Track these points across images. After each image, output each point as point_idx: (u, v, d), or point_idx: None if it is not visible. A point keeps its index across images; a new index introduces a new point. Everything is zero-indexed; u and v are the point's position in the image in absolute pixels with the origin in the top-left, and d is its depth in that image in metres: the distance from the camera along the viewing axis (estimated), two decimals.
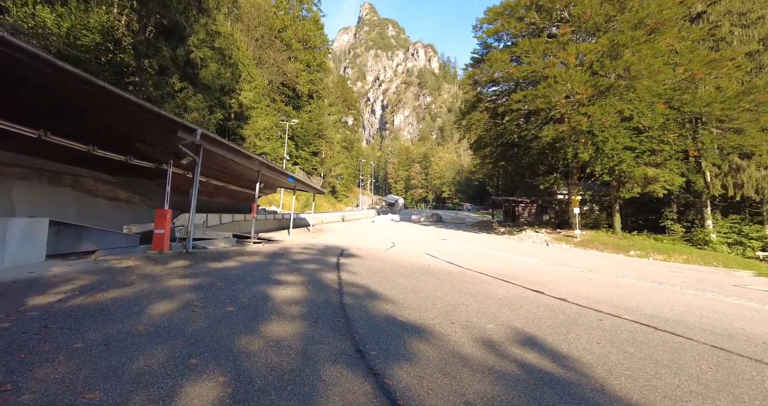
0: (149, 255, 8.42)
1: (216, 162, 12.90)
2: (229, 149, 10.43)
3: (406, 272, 8.37)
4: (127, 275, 6.15)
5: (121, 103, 6.84)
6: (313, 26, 49.43)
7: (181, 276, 6.29)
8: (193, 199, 9.58)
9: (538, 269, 10.74)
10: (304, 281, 6.54)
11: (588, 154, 17.57)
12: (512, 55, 21.76)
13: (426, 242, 18.95)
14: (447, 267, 9.69)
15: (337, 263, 9.12)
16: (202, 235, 11.75)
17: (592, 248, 19.76)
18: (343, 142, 63.19)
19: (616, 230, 21.20)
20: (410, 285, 6.79)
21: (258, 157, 11.87)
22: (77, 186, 10.61)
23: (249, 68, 33.20)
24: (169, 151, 11.21)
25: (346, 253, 11.48)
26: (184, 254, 8.92)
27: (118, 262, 7.33)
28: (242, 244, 12.26)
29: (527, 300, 6.16)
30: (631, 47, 16.56)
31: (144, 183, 13.66)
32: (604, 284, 8.54)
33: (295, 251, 11.32)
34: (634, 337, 4.42)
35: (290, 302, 5.09)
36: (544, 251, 17.09)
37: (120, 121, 8.62)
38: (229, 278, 6.38)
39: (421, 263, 10.28)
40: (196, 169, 9.64)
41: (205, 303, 4.73)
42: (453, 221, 41.44)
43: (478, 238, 23.26)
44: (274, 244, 13.38)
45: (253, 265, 8.02)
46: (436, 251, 13.94)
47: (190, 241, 9.42)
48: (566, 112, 17.80)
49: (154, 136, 9.91)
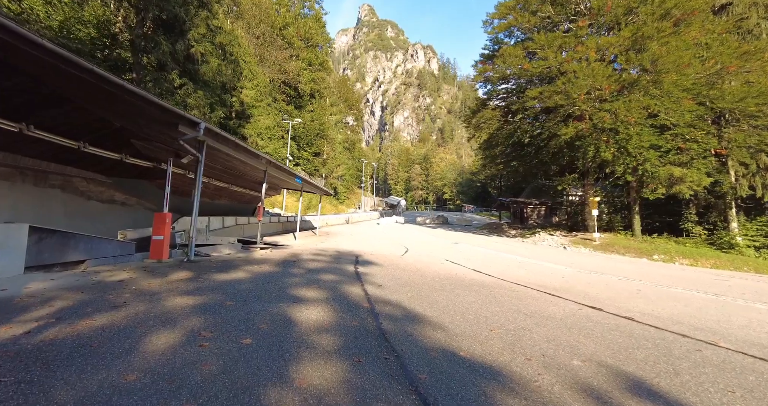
0: (146, 265, 7.46)
1: (219, 161, 11.96)
2: (236, 146, 9.49)
3: (436, 283, 7.43)
4: (119, 291, 5.19)
5: (114, 90, 5.89)
6: (315, 24, 48.50)
7: (183, 292, 5.34)
8: (196, 202, 8.63)
9: (572, 277, 9.81)
10: (327, 298, 5.60)
11: (610, 154, 16.67)
12: (526, 51, 20.88)
13: (439, 245, 18.02)
14: (477, 277, 8.75)
15: (356, 273, 8.18)
16: (205, 240, 10.80)
17: (612, 251, 18.86)
18: (344, 143, 62.28)
19: (636, 233, 20.29)
20: (450, 302, 5.85)
21: (265, 156, 10.92)
22: (67, 187, 9.65)
23: (251, 66, 32.22)
24: (168, 148, 10.27)
25: (361, 259, 10.54)
26: (186, 263, 7.96)
27: (110, 274, 6.37)
28: (248, 250, 11.30)
29: (592, 321, 5.22)
30: (658, 39, 15.68)
31: (141, 184, 12.71)
32: (658, 296, 7.60)
33: (306, 257, 10.37)
34: (765, 378, 3.48)
35: (319, 328, 4.14)
36: (566, 256, 16.18)
37: (113, 112, 7.68)
38: (239, 294, 5.43)
39: (448, 271, 9.34)
40: (199, 169, 8.69)
41: (215, 332, 3.78)
42: (459, 223, 40.49)
43: (491, 241, 22.34)
44: (282, 249, 12.43)
45: (264, 276, 7.07)
46: (455, 257, 13.00)
47: (192, 248, 8.47)
48: (587, 109, 16.89)
49: (152, 132, 8.96)
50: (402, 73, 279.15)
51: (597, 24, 19.47)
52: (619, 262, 15.31)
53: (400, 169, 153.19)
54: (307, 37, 46.61)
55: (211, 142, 9.08)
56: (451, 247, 17.46)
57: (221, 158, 11.50)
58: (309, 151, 47.74)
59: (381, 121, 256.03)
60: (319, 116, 48.10)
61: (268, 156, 11.25)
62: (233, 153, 10.14)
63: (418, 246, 16.87)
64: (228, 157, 11.28)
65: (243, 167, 13.06)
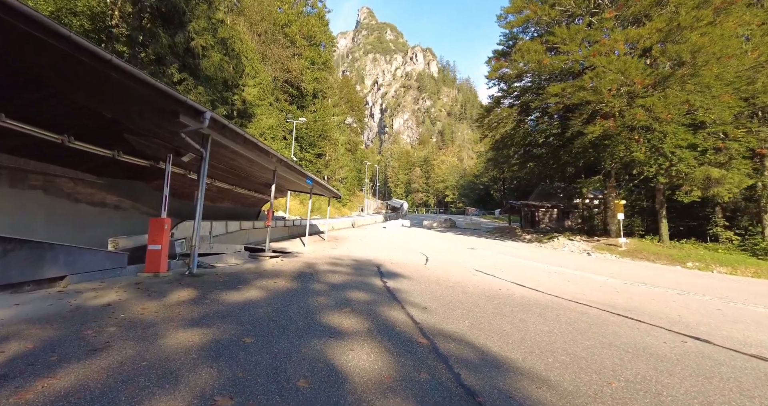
0: (141, 280, 6.24)
1: (223, 160, 10.76)
2: (244, 142, 8.29)
3: (487, 304, 6.23)
4: (102, 322, 3.97)
5: (98, 66, 4.69)
6: (317, 22, 47.39)
7: (186, 322, 4.13)
8: (199, 205, 7.42)
9: (626, 291, 8.63)
10: (369, 329, 4.39)
11: (642, 153, 15.52)
12: (546, 45, 19.78)
13: (457, 252, 16.83)
14: (526, 293, 7.55)
15: (387, 289, 6.97)
16: (208, 248, 9.56)
17: (640, 258, 17.69)
18: (346, 144, 61.08)
19: (664, 239, 19.12)
20: (522, 333, 4.65)
21: (276, 154, 9.73)
22: (50, 189, 8.42)
23: (253, 62, 30.98)
24: (167, 145, 9.08)
25: (384, 270, 9.33)
26: (188, 278, 6.74)
27: (94, 295, 5.15)
28: (257, 259, 10.07)
29: (718, 361, 4.04)
30: (696, 29, 14.57)
31: (137, 185, 11.47)
32: (751, 319, 6.42)
33: (323, 268, 9.15)
34: None
35: (380, 385, 2.92)
36: (597, 264, 15.03)
37: (100, 98, 6.47)
38: (259, 325, 4.22)
39: (488, 285, 8.14)
40: (203, 167, 7.49)
41: (236, 397, 2.57)
42: (468, 226, 39.23)
43: (508, 247, 21.15)
44: (294, 258, 11.19)
45: (283, 295, 5.86)
46: (483, 266, 11.80)
47: (194, 259, 7.24)
48: (617, 106, 15.73)
49: (148, 124, 7.76)
50: (401, 76, 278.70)
51: (622, 16, 18.38)
52: (657, 270, 14.17)
53: (400, 172, 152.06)
54: (309, 35, 45.44)
55: (217, 136, 7.89)
56: (471, 253, 16.27)
57: (226, 156, 10.30)
58: (312, 153, 46.50)
59: (380, 123, 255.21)
60: (322, 117, 46.91)
61: (279, 154, 10.05)
62: (241, 150, 8.95)
63: (436, 253, 15.67)
64: (233, 155, 10.09)
65: (249, 167, 11.87)
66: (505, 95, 23.48)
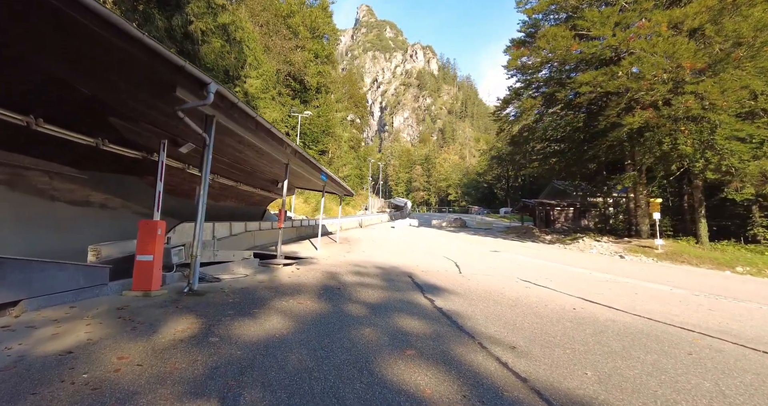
0: (125, 303, 4.74)
1: (227, 151, 9.24)
2: (258, 127, 6.78)
3: (586, 338, 4.74)
4: (48, 393, 2.45)
5: (69, 13, 3.17)
6: (321, 13, 45.64)
7: (186, 388, 2.60)
8: (201, 203, 5.93)
9: (710, 306, 7.17)
10: (464, 396, 2.87)
11: (691, 147, 14.04)
12: (574, 31, 18.24)
13: (482, 254, 15.40)
14: (610, 315, 6.07)
15: (441, 312, 5.49)
16: (212, 256, 8.03)
17: (681, 261, 16.24)
18: (349, 141, 59.41)
19: (703, 240, 17.65)
20: (682, 395, 3.15)
21: (292, 144, 8.21)
22: (18, 184, 6.89)
23: (255, 52, 29.26)
24: (162, 132, 7.56)
25: (421, 282, 7.84)
26: (187, 297, 5.24)
27: (52, 332, 3.64)
28: (269, 267, 8.56)
29: None
30: (760, 4, 13.08)
31: (128, 181, 9.90)
32: None
33: (347, 279, 7.66)
34: None
35: None
36: (644, 269, 13.62)
37: (72, 63, 4.94)
38: (295, 389, 2.70)
39: (557, 303, 6.65)
40: (206, 155, 6.00)
41: None
42: (479, 226, 37.74)
43: (532, 248, 19.69)
44: (309, 264, 9.68)
45: (314, 325, 4.35)
46: (525, 273, 10.33)
47: (195, 272, 5.74)
48: (662, 93, 14.20)
49: (138, 102, 6.24)
50: (401, 74, 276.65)
51: None
52: (710, 277, 12.78)
53: (401, 170, 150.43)
54: (313, 26, 43.69)
55: (223, 119, 6.39)
56: (498, 257, 14.81)
57: (231, 147, 8.78)
58: (315, 149, 44.85)
59: (380, 121, 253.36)
60: (325, 112, 45.26)
61: (294, 144, 8.53)
62: (251, 138, 7.43)
63: (462, 257, 14.20)
64: (240, 146, 8.58)
65: (257, 160, 10.36)
66: (526, 86, 21.93)
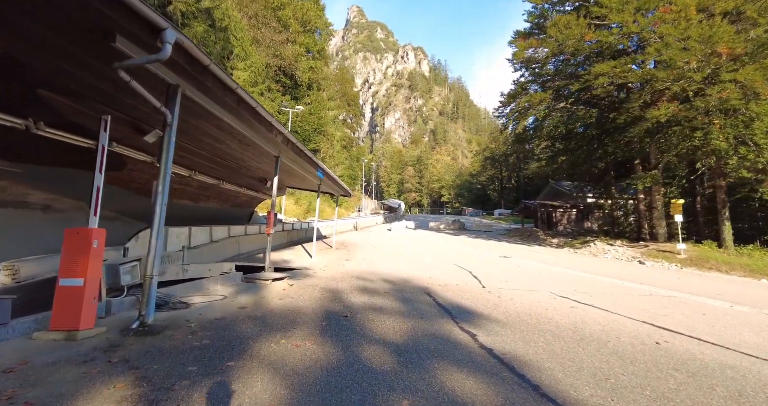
0: (26, 357, 3.04)
1: (206, 140, 7.54)
2: (240, 104, 5.11)
3: (716, 397, 3.20)
4: None
5: None
6: (313, 6, 43.83)
7: None
8: (159, 203, 4.28)
9: None
10: None
11: (726, 142, 12.78)
12: (588, 18, 16.93)
13: (494, 262, 13.93)
14: (716, 355, 4.56)
15: (495, 357, 3.91)
16: (180, 272, 6.32)
17: (709, 268, 14.96)
18: (342, 141, 57.60)
19: (728, 244, 16.43)
20: None
21: (282, 129, 6.56)
22: None
23: (243, 43, 27.36)
24: (108, 108, 5.84)
25: (446, 304, 6.26)
26: (135, 338, 3.56)
27: None
28: (254, 284, 6.88)
29: None
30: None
31: (83, 177, 8.13)
32: None
33: (354, 300, 6.04)
34: None
35: None
36: (679, 278, 12.30)
37: None
38: None
39: (631, 333, 5.13)
40: (168, 139, 4.37)
41: None
42: (478, 228, 36.32)
43: (543, 254, 18.28)
44: (304, 278, 8.02)
45: (318, 392, 2.71)
46: (556, 286, 8.84)
47: (150, 300, 4.06)
48: (697, 82, 12.86)
49: (69, 61, 4.49)
50: (392, 75, 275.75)
51: None
52: (756, 288, 11.46)
53: (393, 172, 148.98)
54: (304, 20, 41.82)
55: (192, 90, 4.75)
56: (513, 265, 13.34)
57: (209, 135, 7.10)
58: (307, 148, 42.96)
59: (371, 122, 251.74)
60: (317, 110, 43.41)
61: (286, 130, 6.87)
62: (231, 120, 5.78)
63: (474, 264, 12.69)
64: (220, 132, 6.88)
65: (242, 152, 8.67)
66: (534, 79, 20.58)
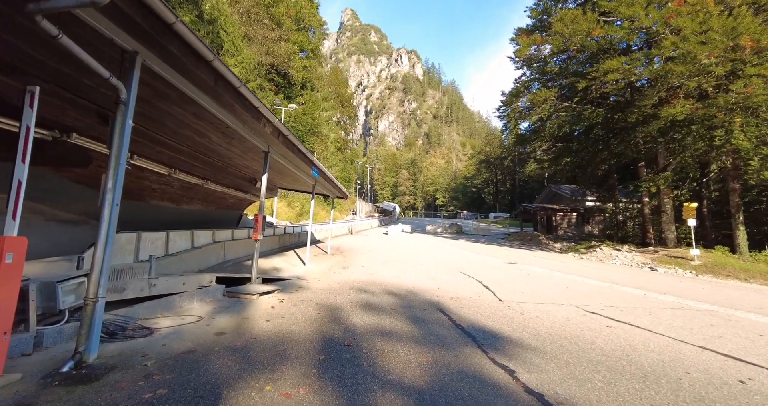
0: None
1: (184, 132, 6.49)
2: (219, 81, 4.10)
3: None
4: None
5: None
6: (307, 4, 42.84)
7: None
8: (108, 202, 3.23)
9: None
10: None
11: (747, 141, 12.05)
12: (595, 13, 16.20)
13: (500, 268, 13.00)
14: None
15: (543, 401, 2.90)
16: (147, 288, 5.24)
17: (726, 275, 14.17)
18: (336, 143, 56.50)
19: (742, 250, 15.69)
20: None
21: (271, 117, 5.54)
22: None
23: (234, 38, 26.23)
24: (48, 82, 4.81)
25: (462, 323, 5.28)
26: (60, 389, 2.45)
27: None
28: (238, 300, 5.83)
29: None
30: None
31: (37, 175, 7.02)
32: None
33: (356, 321, 5.02)
34: None
35: None
36: (704, 288, 11.50)
37: None
38: None
39: (699, 365, 4.20)
40: (121, 119, 3.32)
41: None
42: (476, 232, 35.40)
43: (547, 259, 17.41)
44: (296, 291, 6.97)
45: None
46: (578, 299, 7.91)
47: (92, 335, 3.01)
48: (718, 77, 12.10)
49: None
50: (386, 78, 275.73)
51: None
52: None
53: (387, 175, 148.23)
54: (298, 17, 40.82)
55: (156, 61, 3.73)
56: (522, 272, 12.43)
57: (187, 126, 6.06)
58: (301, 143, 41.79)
59: (365, 125, 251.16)
60: (311, 110, 42.34)
61: (276, 119, 5.84)
62: (209, 104, 4.76)
63: (479, 271, 11.75)
64: (200, 121, 5.84)
65: (228, 147, 7.62)
66: (538, 77, 19.80)
